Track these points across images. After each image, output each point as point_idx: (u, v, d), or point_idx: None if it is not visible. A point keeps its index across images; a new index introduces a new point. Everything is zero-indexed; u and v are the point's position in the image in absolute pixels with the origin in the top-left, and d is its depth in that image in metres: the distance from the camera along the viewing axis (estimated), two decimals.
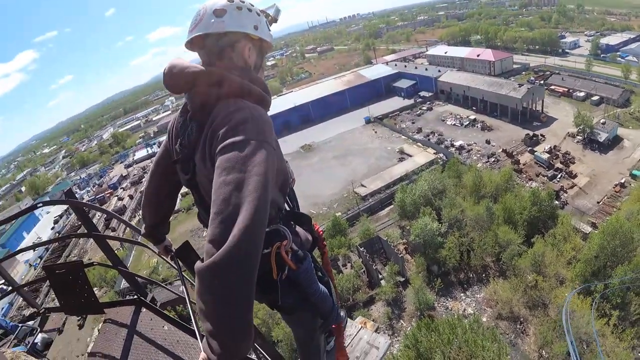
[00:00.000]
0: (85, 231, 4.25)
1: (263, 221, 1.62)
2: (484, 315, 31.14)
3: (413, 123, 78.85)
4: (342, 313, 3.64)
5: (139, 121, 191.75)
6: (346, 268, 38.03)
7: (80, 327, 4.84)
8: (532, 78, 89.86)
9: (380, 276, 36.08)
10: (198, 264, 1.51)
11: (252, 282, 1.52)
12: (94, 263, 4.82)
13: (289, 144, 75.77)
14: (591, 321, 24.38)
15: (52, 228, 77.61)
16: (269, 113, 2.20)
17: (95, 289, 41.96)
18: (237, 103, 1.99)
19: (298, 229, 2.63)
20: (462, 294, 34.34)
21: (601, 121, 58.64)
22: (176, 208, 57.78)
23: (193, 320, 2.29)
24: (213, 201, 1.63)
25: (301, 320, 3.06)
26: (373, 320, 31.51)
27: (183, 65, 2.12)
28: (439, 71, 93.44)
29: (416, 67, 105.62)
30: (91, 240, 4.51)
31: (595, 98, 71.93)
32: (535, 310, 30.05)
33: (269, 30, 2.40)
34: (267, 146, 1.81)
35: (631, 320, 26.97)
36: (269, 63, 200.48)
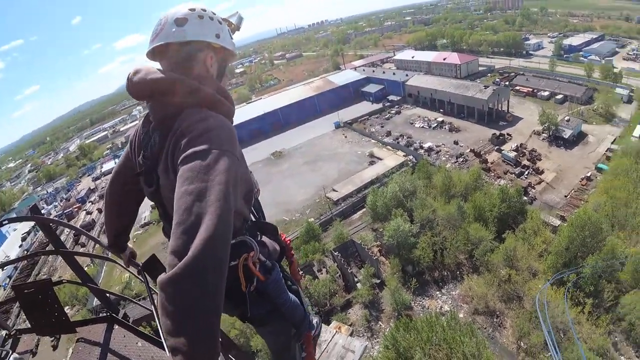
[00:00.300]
0: (53, 248, 4.09)
1: (226, 231, 1.56)
2: (460, 311, 31.48)
3: (382, 127, 79.44)
4: (316, 319, 3.59)
5: (106, 132, 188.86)
6: (321, 273, 37.89)
7: (54, 348, 4.63)
8: (497, 79, 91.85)
9: (356, 279, 36.06)
10: (160, 277, 1.44)
11: (217, 294, 1.45)
12: (63, 281, 4.66)
13: (259, 151, 75.58)
14: (566, 310, 24.81)
15: (20, 246, 75.19)
16: (238, 121, 2.10)
17: (67, 307, 40.90)
18: (199, 113, 1.96)
19: (265, 239, 2.57)
20: (437, 292, 34.62)
21: (565, 118, 60.42)
22: (147, 220, 57.02)
23: (162, 335, 2.18)
24: (175, 211, 1.58)
25: (274, 331, 3.01)
26: (351, 324, 31.59)
27: (146, 71, 2.08)
28: (407, 75, 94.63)
29: (384, 72, 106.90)
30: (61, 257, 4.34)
31: (559, 97, 74.00)
32: (510, 303, 30.58)
33: (232, 38, 2.38)
34: (230, 155, 1.78)
35: (605, 306, 27.79)
36: (237, 70, 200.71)
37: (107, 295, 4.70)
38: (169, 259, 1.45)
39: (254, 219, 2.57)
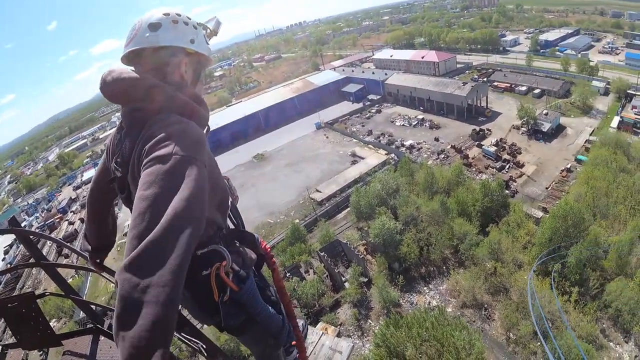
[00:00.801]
0: (34, 261, 4.04)
1: (182, 243, 1.47)
2: (448, 305, 31.72)
3: (363, 126, 79.80)
4: (302, 322, 3.57)
5: (85, 140, 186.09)
6: (309, 274, 37.79)
7: None
8: (475, 76, 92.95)
9: (343, 279, 36.07)
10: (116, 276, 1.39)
11: (166, 312, 1.31)
12: (46, 293, 4.59)
13: (240, 154, 75.43)
14: (554, 299, 25.09)
15: (3, 259, 74.12)
16: (219, 124, 2.08)
17: (54, 320, 40.46)
18: (168, 118, 1.91)
19: (241, 248, 2.53)
20: (425, 288, 34.79)
21: (544, 112, 61.23)
22: None
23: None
24: (131, 216, 1.54)
25: (253, 340, 2.96)
26: (340, 324, 31.63)
27: (121, 71, 2.05)
28: (386, 74, 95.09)
29: (363, 72, 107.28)
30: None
31: (537, 91, 75.26)
32: (497, 295, 30.89)
33: (208, 43, 2.35)
34: (194, 161, 1.72)
35: (591, 294, 28.26)
36: (216, 73, 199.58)
37: (92, 306, 4.64)
38: (123, 261, 1.38)
39: (232, 227, 2.55)
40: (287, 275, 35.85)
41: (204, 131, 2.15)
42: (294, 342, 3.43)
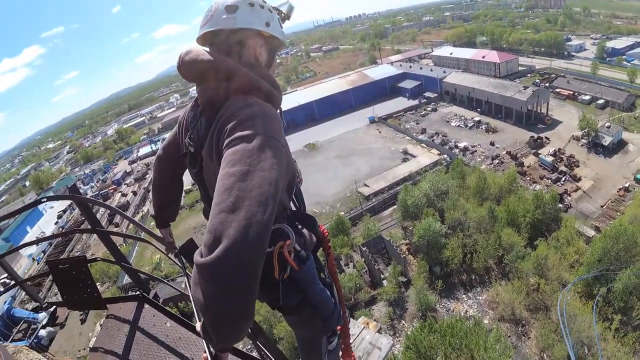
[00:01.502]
0: (89, 227, 4.26)
1: (265, 218, 1.56)
2: (485, 317, 31.12)
3: (417, 124, 78.68)
4: (347, 312, 3.55)
5: (143, 118, 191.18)
6: (348, 267, 37.95)
7: (83, 321, 4.90)
8: (537, 80, 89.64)
9: (382, 276, 36.07)
10: (197, 258, 1.47)
11: (253, 279, 1.47)
12: (98, 259, 4.82)
13: (293, 143, 75.57)
14: (593, 324, 24.31)
15: (56, 223, 77.49)
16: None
17: (97, 284, 42.33)
18: (246, 99, 1.98)
19: (303, 229, 2.55)
20: (464, 296, 34.28)
21: (606, 125, 58.64)
22: (181, 205, 58.05)
23: (196, 317, 2.24)
24: (215, 192, 1.60)
25: (302, 321, 2.98)
26: (375, 321, 31.55)
27: (198, 52, 2.12)
28: (444, 72, 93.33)
29: (421, 68, 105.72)
30: (94, 235, 4.52)
31: (600, 101, 71.81)
32: (537, 313, 29.97)
33: (282, 27, 2.38)
34: (276, 142, 1.80)
35: (633, 325, 26.92)
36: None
37: (139, 274, 4.84)
38: (206, 237, 1.48)
39: (294, 208, 2.61)
40: (334, 263, 36.10)
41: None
42: (339, 328, 3.55)
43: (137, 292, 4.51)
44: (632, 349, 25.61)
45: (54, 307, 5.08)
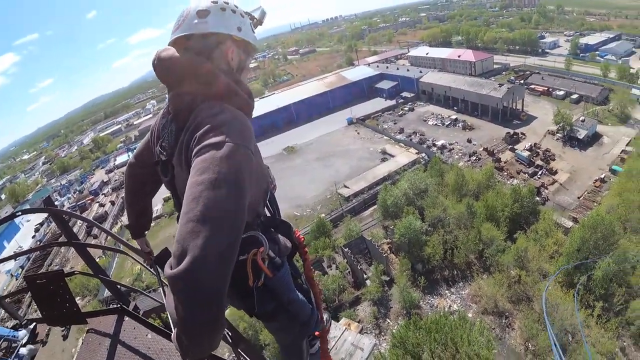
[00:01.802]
0: (65, 240, 4.20)
1: (234, 227, 1.57)
2: (469, 311, 31.32)
3: (395, 124, 79.25)
4: (326, 316, 3.61)
5: (119, 125, 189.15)
6: (331, 269, 37.89)
7: (65, 337, 4.77)
8: (512, 78, 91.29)
9: (365, 276, 36.06)
10: (167, 270, 1.48)
11: (219, 291, 1.46)
12: (75, 272, 4.74)
13: (272, 146, 75.73)
14: (575, 312, 24.63)
15: (33, 236, 75.80)
16: (253, 115, 2.18)
17: (78, 298, 41.15)
18: (217, 106, 1.96)
19: (277, 236, 2.55)
20: (447, 291, 34.47)
21: (580, 119, 59.79)
22: (159, 213, 57.29)
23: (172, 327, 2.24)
24: (184, 199, 1.58)
25: (280, 327, 2.96)
26: (359, 321, 31.60)
27: (174, 51, 2.11)
28: (421, 72, 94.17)
29: (398, 68, 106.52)
30: (72, 248, 4.41)
31: (574, 96, 73.36)
32: (519, 304, 30.37)
33: (254, 32, 2.38)
34: (246, 150, 1.78)
35: (615, 310, 27.51)
36: (251, 65, 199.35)
37: (118, 287, 4.75)
38: (174, 247, 1.47)
39: (268, 215, 2.60)
40: (310, 268, 36.05)
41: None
42: (317, 333, 3.54)
43: (117, 305, 4.44)
44: (615, 334, 26.12)
45: (34, 323, 4.94)
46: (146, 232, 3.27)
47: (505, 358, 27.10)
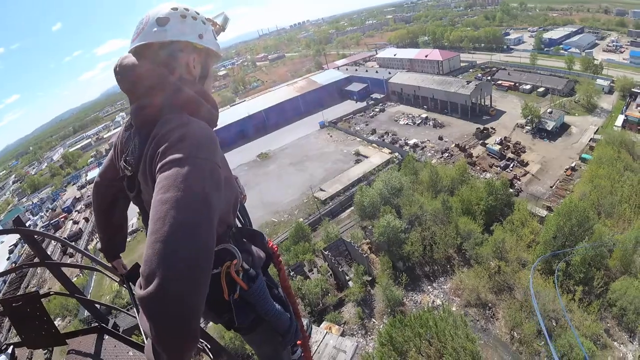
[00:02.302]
0: (39, 260, 4.12)
1: (204, 244, 1.52)
2: (452, 304, 31.63)
3: (367, 125, 79.76)
4: (306, 321, 3.58)
5: (89, 139, 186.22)
6: (313, 273, 37.88)
7: None
8: (479, 75, 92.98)
9: (347, 278, 36.06)
10: (137, 291, 1.46)
11: (192, 309, 1.42)
12: (51, 293, 4.70)
13: (245, 153, 75.44)
14: (557, 297, 25.00)
15: (8, 258, 73.88)
16: (222, 124, 2.11)
17: (58, 318, 40.43)
18: (179, 118, 1.89)
19: (250, 246, 2.50)
20: (429, 287, 34.71)
21: (548, 111, 61.27)
22: (135, 227, 56.45)
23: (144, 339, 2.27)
24: (150, 219, 1.53)
25: (260, 339, 2.95)
26: (344, 322, 31.64)
27: (138, 61, 2.06)
28: (389, 73, 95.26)
29: (367, 71, 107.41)
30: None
31: (541, 90, 74.99)
32: (501, 294, 30.76)
33: (216, 39, 2.34)
34: (210, 163, 1.73)
35: (595, 293, 28.14)
36: (220, 73, 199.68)
37: (96, 305, 4.68)
38: (143, 268, 1.42)
39: (239, 225, 2.56)
40: (291, 274, 35.92)
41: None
42: (299, 342, 3.46)
43: (96, 324, 4.37)
44: (597, 317, 26.69)
45: (12, 347, 4.76)
46: (121, 254, 3.21)
47: (492, 348, 27.33)
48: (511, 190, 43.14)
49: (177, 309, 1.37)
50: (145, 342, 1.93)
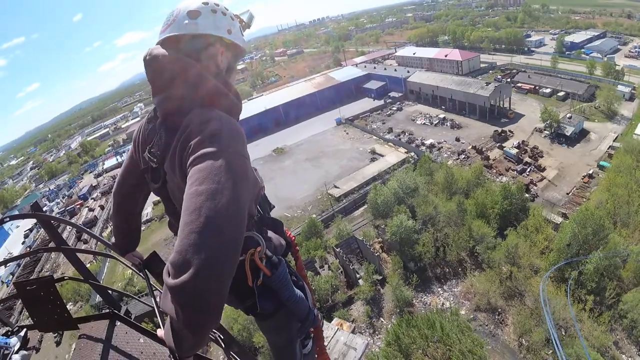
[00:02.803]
0: (54, 245, 4.13)
1: (236, 236, 1.60)
2: (462, 308, 31.49)
3: (384, 123, 79.33)
4: (318, 315, 3.58)
5: (107, 129, 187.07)
6: (323, 269, 37.87)
7: (58, 344, 4.66)
8: (499, 76, 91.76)
9: (358, 276, 36.03)
10: (167, 279, 1.49)
11: (222, 297, 1.51)
12: (65, 278, 4.71)
13: (261, 148, 75.47)
14: (568, 306, 24.84)
15: (23, 242, 74.81)
16: (242, 116, 2.19)
17: (70, 303, 40.83)
18: (210, 113, 1.95)
19: (271, 234, 2.60)
20: (439, 289, 34.61)
21: (567, 116, 60.37)
22: (149, 217, 56.89)
23: (160, 324, 2.23)
24: (183, 211, 1.59)
25: (277, 327, 2.98)
26: (353, 320, 31.63)
27: (168, 52, 2.08)
28: (408, 72, 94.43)
29: (385, 69, 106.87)
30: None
31: (561, 94, 73.84)
32: (512, 300, 30.56)
33: (242, 35, 2.37)
34: (240, 157, 1.80)
35: (607, 304, 27.78)
36: (238, 67, 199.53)
37: (109, 292, 4.71)
38: (175, 257, 1.48)
39: (260, 215, 2.60)
40: (302, 266, 36.02)
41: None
42: (312, 330, 3.59)
43: (108, 310, 4.35)
44: (607, 328, 26.40)
45: (25, 330, 4.87)
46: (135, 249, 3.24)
47: (500, 354, 27.22)
48: (527, 195, 42.73)
49: (208, 297, 1.44)
50: (162, 326, 1.97)
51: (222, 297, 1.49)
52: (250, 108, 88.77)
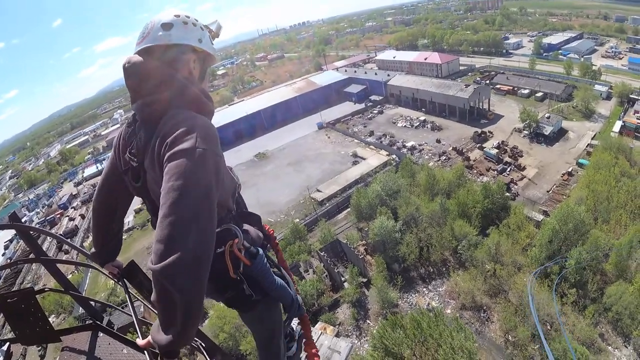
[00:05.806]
0: (34, 256, 4.05)
1: (208, 224, 1.77)
2: (448, 307, 31.73)
3: (365, 127, 79.71)
4: (302, 303, 3.63)
5: (87, 136, 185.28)
6: (308, 273, 37.77)
7: (42, 357, 4.52)
8: (478, 78, 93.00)
9: (343, 279, 36.03)
10: (150, 265, 1.64)
11: (204, 281, 1.68)
12: (46, 289, 4.56)
13: (242, 153, 75.35)
14: (552, 300, 25.07)
15: (3, 254, 73.63)
16: (221, 123, 2.24)
17: (53, 315, 40.19)
18: (184, 113, 2.13)
19: (248, 227, 2.74)
20: (424, 289, 34.74)
21: (546, 115, 61.21)
22: (131, 225, 56.27)
23: (139, 335, 2.38)
24: (161, 205, 1.74)
25: (260, 317, 3.09)
26: (339, 323, 31.60)
27: (149, 60, 2.23)
28: (388, 75, 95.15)
29: (366, 72, 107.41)
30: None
31: (539, 94, 75.28)
32: (496, 297, 30.88)
33: (212, 44, 2.56)
34: (214, 155, 1.96)
35: (590, 297, 28.19)
36: (219, 72, 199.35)
37: (91, 303, 4.63)
38: (157, 247, 1.63)
39: (237, 210, 2.75)
40: (283, 258, 35.84)
41: None
42: (299, 319, 3.74)
43: (91, 321, 4.31)
44: (592, 321, 26.80)
45: (8, 344, 4.73)
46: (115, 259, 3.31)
47: (487, 351, 27.35)
48: (508, 194, 43.36)
49: (188, 277, 1.60)
50: (141, 336, 2.03)
51: (200, 278, 1.65)
52: (231, 113, 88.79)
